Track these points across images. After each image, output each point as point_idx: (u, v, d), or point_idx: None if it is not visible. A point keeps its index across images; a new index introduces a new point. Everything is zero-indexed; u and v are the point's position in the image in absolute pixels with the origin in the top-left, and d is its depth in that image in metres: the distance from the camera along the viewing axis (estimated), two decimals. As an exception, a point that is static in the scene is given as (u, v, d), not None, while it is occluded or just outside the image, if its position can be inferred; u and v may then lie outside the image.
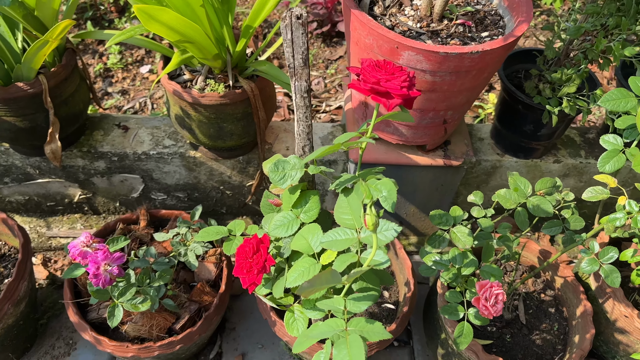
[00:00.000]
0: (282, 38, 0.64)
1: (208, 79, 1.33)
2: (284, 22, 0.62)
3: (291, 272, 0.73)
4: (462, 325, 0.96)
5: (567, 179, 1.61)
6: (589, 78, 1.37)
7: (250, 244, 0.78)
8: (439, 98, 1.20)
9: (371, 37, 1.11)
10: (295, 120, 0.75)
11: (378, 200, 0.68)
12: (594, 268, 1.01)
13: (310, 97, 0.71)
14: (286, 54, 0.66)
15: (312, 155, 0.68)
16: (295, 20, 0.62)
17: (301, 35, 0.63)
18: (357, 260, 0.66)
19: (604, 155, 0.94)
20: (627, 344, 1.32)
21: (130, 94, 2.13)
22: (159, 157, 1.48)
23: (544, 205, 1.03)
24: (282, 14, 0.62)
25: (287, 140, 1.55)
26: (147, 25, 0.92)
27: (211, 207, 1.67)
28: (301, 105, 0.72)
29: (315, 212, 0.82)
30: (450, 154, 1.43)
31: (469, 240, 0.98)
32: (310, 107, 0.72)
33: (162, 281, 1.10)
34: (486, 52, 1.08)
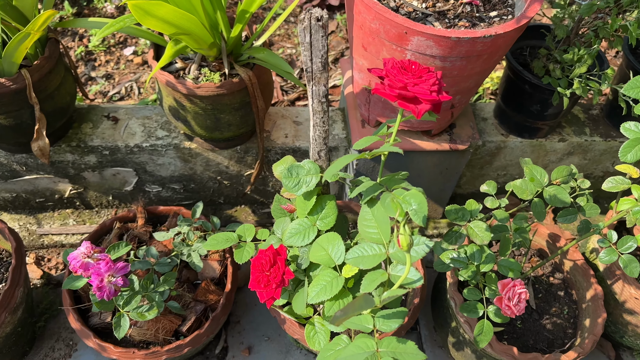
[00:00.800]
0: (300, 41, 0.59)
1: (202, 67, 1.26)
2: (302, 25, 0.57)
3: (312, 287, 0.69)
4: (482, 324, 0.93)
5: (571, 157, 1.58)
6: (598, 57, 1.33)
7: (266, 256, 0.74)
8: (448, 83, 1.15)
9: (377, 21, 1.05)
10: (311, 126, 0.70)
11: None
12: (612, 258, 0.99)
13: (328, 101, 0.66)
14: (304, 57, 0.61)
15: (333, 168, 0.63)
16: (315, 23, 0.56)
17: (321, 39, 0.57)
18: (387, 279, 0.62)
19: (625, 145, 0.90)
20: (636, 324, 1.32)
21: (115, 78, 2.03)
22: (152, 149, 1.42)
23: (561, 195, 1.00)
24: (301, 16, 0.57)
25: (286, 127, 1.50)
26: (142, 21, 0.84)
27: (208, 198, 1.61)
28: (319, 110, 0.66)
29: (333, 218, 0.77)
30: (456, 137, 1.39)
31: (487, 236, 0.94)
32: (327, 112, 0.67)
33: (167, 285, 1.05)
34: (499, 35, 1.02)
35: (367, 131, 1.38)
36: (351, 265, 0.63)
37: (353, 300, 0.57)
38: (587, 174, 1.66)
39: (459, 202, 1.75)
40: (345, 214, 1.38)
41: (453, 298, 1.21)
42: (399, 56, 1.09)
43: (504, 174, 1.65)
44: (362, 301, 0.56)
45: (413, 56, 1.08)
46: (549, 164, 1.60)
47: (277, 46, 2.25)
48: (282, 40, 2.27)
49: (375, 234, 0.65)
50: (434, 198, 1.61)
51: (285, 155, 1.47)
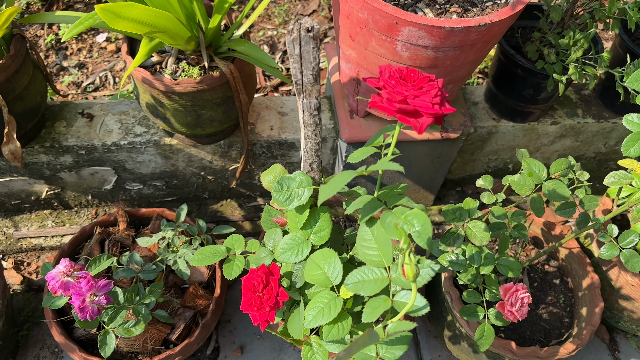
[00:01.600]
0: (288, 52, 0.53)
1: (180, 60, 1.19)
2: (291, 36, 0.51)
3: (309, 310, 0.65)
4: (482, 327, 0.91)
5: (563, 139, 1.55)
6: (592, 39, 1.28)
7: (258, 276, 0.69)
8: (441, 73, 1.10)
9: (366, 10, 0.99)
10: (302, 138, 0.65)
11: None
12: (614, 253, 0.96)
13: (320, 114, 0.60)
14: (293, 69, 0.55)
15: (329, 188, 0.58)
16: (305, 34, 0.50)
17: (312, 50, 0.52)
18: (390, 306, 0.58)
19: (628, 138, 0.87)
20: (632, 310, 1.31)
21: (88, 67, 1.94)
22: (130, 147, 1.35)
23: (560, 190, 0.96)
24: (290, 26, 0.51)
25: (271, 119, 1.43)
26: (113, 25, 0.77)
27: (192, 193, 1.56)
28: (310, 123, 0.61)
29: (327, 232, 0.73)
30: (448, 126, 1.34)
31: (486, 236, 0.91)
32: (319, 125, 0.62)
33: (154, 297, 1.00)
34: (494, 23, 0.97)
35: (356, 122, 1.33)
36: (351, 291, 0.59)
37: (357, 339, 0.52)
38: (579, 155, 1.64)
39: (449, 187, 1.72)
40: (337, 208, 1.33)
41: (449, 292, 1.19)
42: (389, 47, 1.04)
43: (495, 158, 1.61)
44: (366, 338, 0.52)
45: (404, 47, 1.02)
46: (540, 147, 1.57)
47: (257, 27, 2.16)
48: (263, 21, 2.18)
49: (376, 256, 0.61)
50: (426, 186, 1.57)
51: (272, 148, 1.42)
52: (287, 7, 2.22)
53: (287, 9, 2.21)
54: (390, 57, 1.07)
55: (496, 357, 1.19)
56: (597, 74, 1.17)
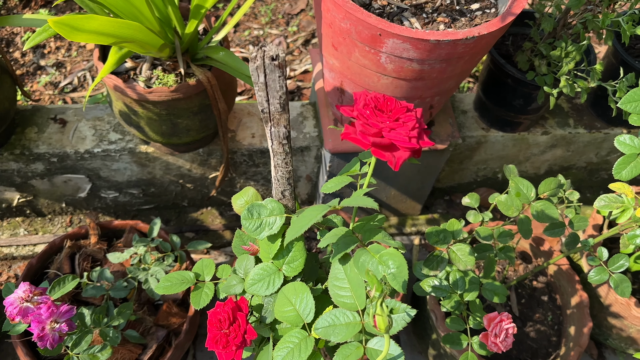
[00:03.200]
0: (253, 80, 0.48)
1: (155, 67, 1.13)
2: (254, 63, 0.46)
3: (278, 350, 0.61)
4: (466, 356, 0.86)
5: (554, 150, 1.51)
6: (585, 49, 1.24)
7: (224, 311, 0.65)
8: (427, 86, 1.05)
9: (348, 20, 0.94)
10: (272, 166, 0.60)
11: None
12: (603, 278, 0.92)
13: (290, 143, 0.56)
14: (259, 97, 0.50)
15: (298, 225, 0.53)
16: (270, 63, 0.45)
17: (278, 79, 0.47)
18: (362, 354, 0.54)
19: (620, 161, 0.82)
20: (621, 327, 1.28)
21: (66, 67, 1.87)
22: (105, 155, 1.29)
23: (549, 211, 0.92)
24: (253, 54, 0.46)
25: (252, 126, 1.38)
26: (72, 38, 0.71)
27: (171, 201, 1.50)
28: (280, 151, 0.56)
29: (301, 262, 0.68)
30: (435, 136, 1.30)
31: (470, 261, 0.86)
32: (290, 154, 0.57)
33: (122, 318, 0.95)
34: (483, 36, 0.92)
35: (340, 132, 1.28)
36: (321, 336, 0.55)
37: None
38: (570, 164, 1.60)
39: (437, 196, 1.67)
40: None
41: (434, 311, 1.15)
42: (373, 58, 0.99)
43: (485, 168, 1.57)
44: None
45: (388, 59, 0.97)
46: (531, 156, 1.53)
47: (242, 27, 2.10)
48: (249, 20, 2.12)
49: (349, 297, 0.56)
50: (413, 195, 1.52)
51: (253, 156, 1.37)
52: (274, 6, 2.16)
53: (274, 8, 2.15)
54: (374, 69, 1.02)
55: (481, 378, 1.15)
56: (589, 87, 1.13)
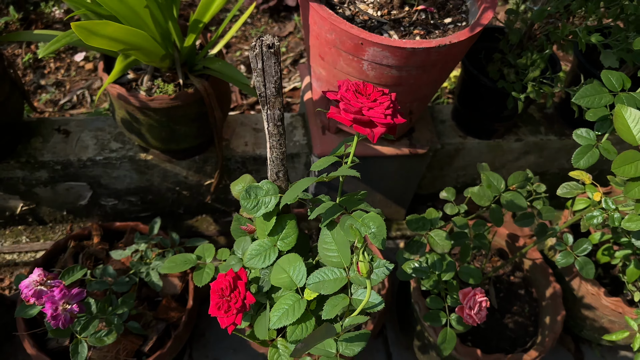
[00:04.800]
0: (252, 67, 0.57)
1: (155, 78, 1.22)
2: (254, 52, 0.55)
3: (274, 312, 0.68)
4: (445, 332, 0.94)
5: (528, 156, 1.62)
6: (550, 59, 1.36)
7: (226, 280, 0.72)
8: (405, 91, 1.15)
9: (334, 32, 1.04)
10: (267, 148, 0.68)
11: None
12: (569, 261, 1.01)
13: (284, 124, 0.65)
14: (256, 83, 0.59)
15: (292, 192, 0.62)
16: (267, 50, 0.54)
17: (273, 65, 0.56)
18: (348, 303, 0.62)
19: (578, 151, 0.93)
20: (594, 318, 1.36)
21: (66, 85, 1.96)
22: (106, 162, 1.37)
23: (518, 201, 1.02)
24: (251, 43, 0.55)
25: (245, 135, 1.47)
26: (88, 42, 0.81)
27: (167, 208, 1.58)
28: (275, 133, 0.65)
29: (294, 238, 0.76)
30: (416, 142, 1.40)
31: (447, 244, 0.95)
32: (284, 135, 0.66)
33: (126, 307, 1.02)
34: (453, 44, 1.03)
35: (328, 138, 1.38)
36: (312, 290, 0.63)
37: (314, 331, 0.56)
38: (544, 171, 1.70)
39: (420, 202, 1.77)
40: (310, 222, 1.37)
41: (417, 303, 1.22)
42: (356, 66, 1.09)
43: (464, 174, 1.67)
44: (323, 331, 0.55)
45: (370, 66, 1.07)
46: (506, 163, 1.63)
47: (234, 48, 2.21)
48: (240, 42, 2.24)
49: (336, 257, 0.64)
50: (397, 200, 1.61)
51: (246, 163, 1.46)
52: (263, 28, 2.28)
53: (264, 31, 2.27)
54: (357, 76, 1.12)
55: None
56: (554, 93, 1.24)
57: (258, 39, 0.54)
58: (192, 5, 2.28)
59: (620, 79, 0.92)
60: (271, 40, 0.54)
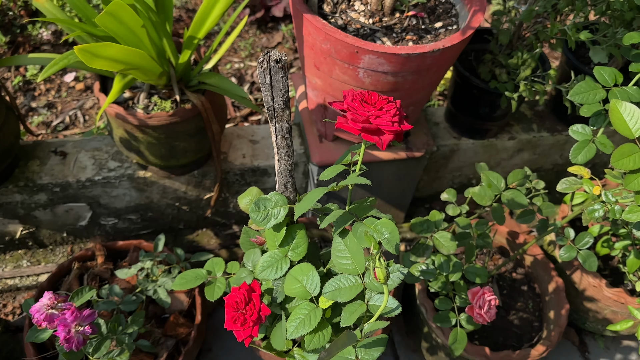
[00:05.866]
0: (260, 82, 0.58)
1: (151, 95, 1.23)
2: (262, 67, 0.56)
3: (290, 322, 0.69)
4: (455, 332, 0.95)
5: (522, 153, 1.64)
6: (540, 57, 1.38)
7: (240, 293, 0.73)
8: (401, 96, 1.17)
9: (328, 42, 1.05)
10: (275, 160, 0.69)
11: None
12: (572, 255, 1.03)
13: (292, 137, 0.66)
14: (265, 97, 0.60)
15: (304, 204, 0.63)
16: (275, 65, 0.55)
17: (281, 79, 0.57)
18: (365, 310, 0.62)
19: (575, 147, 0.94)
20: (597, 310, 1.38)
21: (57, 107, 1.96)
22: (105, 182, 1.37)
23: (518, 199, 1.03)
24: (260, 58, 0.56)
25: (243, 147, 1.48)
26: (90, 64, 0.81)
27: (168, 225, 1.58)
28: (283, 145, 0.66)
29: (304, 247, 0.77)
30: (412, 145, 1.41)
31: (452, 245, 0.96)
32: (292, 147, 0.67)
33: (136, 326, 1.02)
34: (446, 48, 1.05)
35: (325, 146, 1.39)
36: (329, 299, 0.63)
37: (336, 340, 0.57)
38: (538, 167, 1.73)
39: (418, 205, 1.78)
40: (312, 230, 1.38)
41: (423, 304, 1.23)
42: (352, 74, 1.10)
43: (459, 175, 1.69)
44: (345, 339, 0.56)
45: (365, 73, 1.09)
46: (501, 161, 1.65)
47: (224, 61, 2.22)
48: (229, 55, 2.25)
49: (350, 264, 0.65)
50: (395, 204, 1.63)
51: (245, 175, 1.46)
52: (252, 40, 2.29)
53: (253, 42, 2.28)
54: (353, 84, 1.13)
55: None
56: (545, 90, 1.26)
57: (265, 55, 0.55)
58: (179, 20, 2.29)
59: (613, 74, 0.94)
60: (278, 55, 0.55)
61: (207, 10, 1.09)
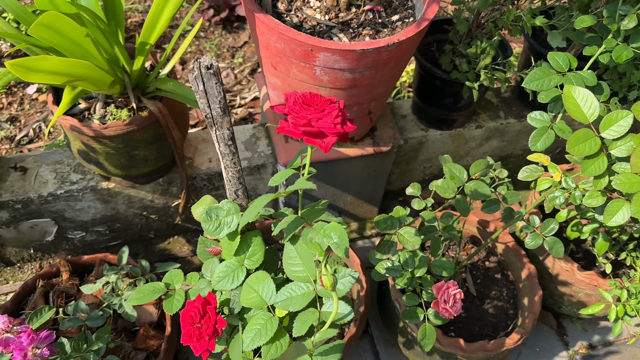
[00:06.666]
0: (193, 89, 0.56)
1: (108, 104, 1.20)
2: (193, 74, 0.54)
3: (247, 333, 0.67)
4: (424, 328, 0.95)
5: (490, 141, 1.64)
6: (501, 44, 1.37)
7: (195, 307, 0.71)
8: (361, 92, 1.15)
9: (282, 41, 1.03)
10: (222, 167, 0.67)
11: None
12: (538, 242, 1.02)
13: (235, 143, 0.64)
14: (201, 105, 0.58)
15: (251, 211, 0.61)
16: (206, 71, 0.53)
17: (215, 85, 0.55)
18: (318, 317, 0.61)
19: (534, 134, 0.94)
20: (571, 294, 1.38)
21: (20, 120, 1.91)
22: (68, 195, 1.34)
23: (481, 189, 1.03)
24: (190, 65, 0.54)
25: (209, 152, 1.45)
26: (27, 79, 0.78)
27: (137, 234, 1.55)
28: (227, 153, 0.64)
29: (261, 255, 0.75)
30: (379, 140, 1.40)
31: (417, 240, 0.95)
32: (236, 154, 0.65)
33: (102, 342, 1.00)
34: (402, 42, 1.03)
35: (291, 146, 1.37)
36: (281, 308, 0.62)
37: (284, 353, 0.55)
38: (508, 154, 1.73)
39: (391, 198, 1.77)
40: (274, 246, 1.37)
41: (397, 300, 1.23)
42: (309, 72, 1.08)
43: (430, 166, 1.68)
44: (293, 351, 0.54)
45: (322, 71, 1.07)
46: (470, 150, 1.65)
47: (189, 63, 2.18)
48: (195, 57, 2.21)
49: (302, 272, 0.64)
50: (367, 199, 1.62)
51: (212, 180, 1.44)
52: (218, 41, 2.26)
53: (219, 43, 2.25)
54: (311, 82, 1.11)
55: (448, 356, 1.23)
56: (506, 78, 1.25)
57: (195, 61, 0.53)
58: (142, 25, 2.25)
59: (567, 59, 0.93)
60: (209, 61, 0.53)
61: (156, 15, 1.06)
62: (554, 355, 1.52)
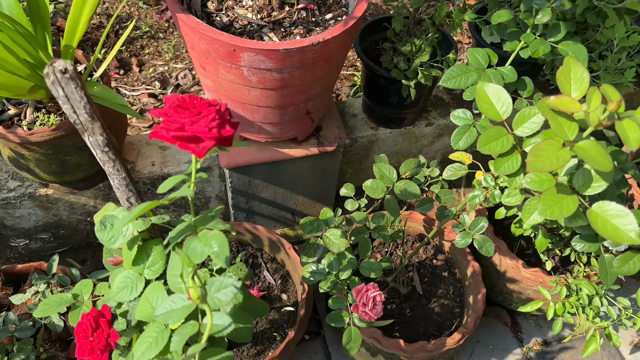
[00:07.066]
0: (54, 94, 0.54)
1: (38, 110, 1.17)
2: (49, 79, 0.52)
3: (138, 345, 0.65)
4: (349, 331, 0.93)
5: (442, 139, 1.62)
6: (444, 40, 1.36)
7: (87, 320, 0.69)
8: (294, 93, 1.13)
9: (204, 41, 1.01)
10: (107, 175, 0.65)
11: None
12: (467, 241, 1.01)
13: (112, 150, 0.61)
14: (66, 111, 0.56)
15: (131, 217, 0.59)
16: (62, 76, 0.51)
17: (75, 90, 0.53)
18: (198, 330, 0.59)
19: (456, 132, 0.92)
20: (519, 291, 1.37)
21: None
22: (5, 203, 1.31)
23: (411, 189, 1.01)
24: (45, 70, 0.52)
25: (152, 155, 1.43)
26: None
27: (85, 241, 1.52)
28: (106, 160, 0.62)
29: (161, 264, 0.73)
30: (324, 140, 1.38)
31: (342, 243, 0.94)
32: (117, 160, 0.62)
33: (23, 354, 0.97)
34: (328, 41, 1.01)
35: (233, 147, 1.35)
36: (161, 322, 0.60)
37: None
38: (463, 151, 1.71)
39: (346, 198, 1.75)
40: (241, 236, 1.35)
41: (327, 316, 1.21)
42: (237, 73, 1.06)
43: (384, 165, 1.66)
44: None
45: (250, 72, 1.05)
46: (422, 148, 1.63)
47: (147, 65, 2.16)
48: (153, 58, 2.18)
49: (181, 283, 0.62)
50: (319, 199, 1.60)
51: (155, 183, 1.41)
52: (176, 42, 2.23)
53: (177, 44, 2.22)
54: (241, 82, 1.09)
55: (392, 357, 1.21)
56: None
57: (50, 66, 0.51)
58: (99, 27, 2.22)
59: (486, 55, 0.92)
60: (63, 65, 0.51)
61: (75, 18, 1.04)
62: (508, 353, 1.51)
